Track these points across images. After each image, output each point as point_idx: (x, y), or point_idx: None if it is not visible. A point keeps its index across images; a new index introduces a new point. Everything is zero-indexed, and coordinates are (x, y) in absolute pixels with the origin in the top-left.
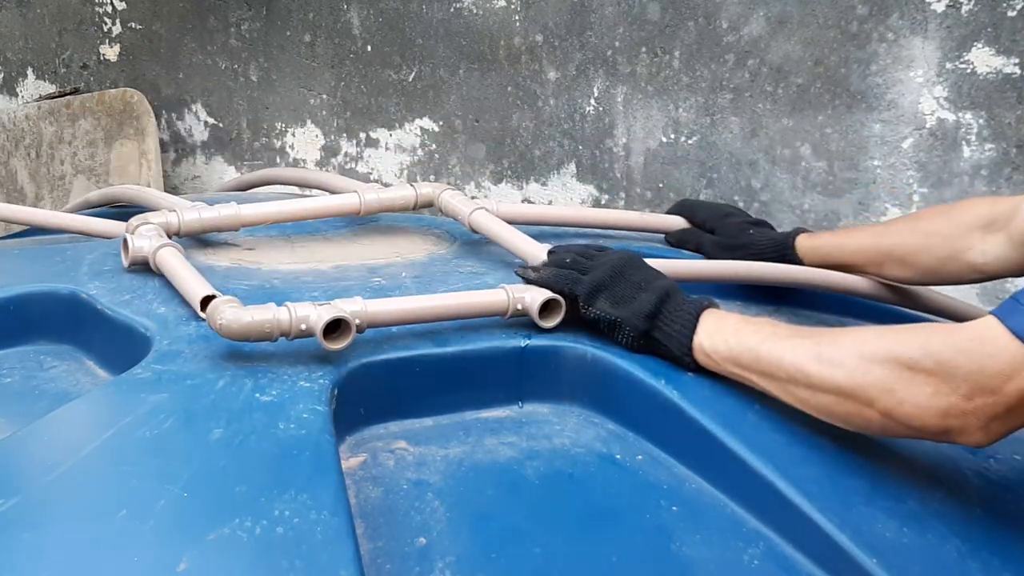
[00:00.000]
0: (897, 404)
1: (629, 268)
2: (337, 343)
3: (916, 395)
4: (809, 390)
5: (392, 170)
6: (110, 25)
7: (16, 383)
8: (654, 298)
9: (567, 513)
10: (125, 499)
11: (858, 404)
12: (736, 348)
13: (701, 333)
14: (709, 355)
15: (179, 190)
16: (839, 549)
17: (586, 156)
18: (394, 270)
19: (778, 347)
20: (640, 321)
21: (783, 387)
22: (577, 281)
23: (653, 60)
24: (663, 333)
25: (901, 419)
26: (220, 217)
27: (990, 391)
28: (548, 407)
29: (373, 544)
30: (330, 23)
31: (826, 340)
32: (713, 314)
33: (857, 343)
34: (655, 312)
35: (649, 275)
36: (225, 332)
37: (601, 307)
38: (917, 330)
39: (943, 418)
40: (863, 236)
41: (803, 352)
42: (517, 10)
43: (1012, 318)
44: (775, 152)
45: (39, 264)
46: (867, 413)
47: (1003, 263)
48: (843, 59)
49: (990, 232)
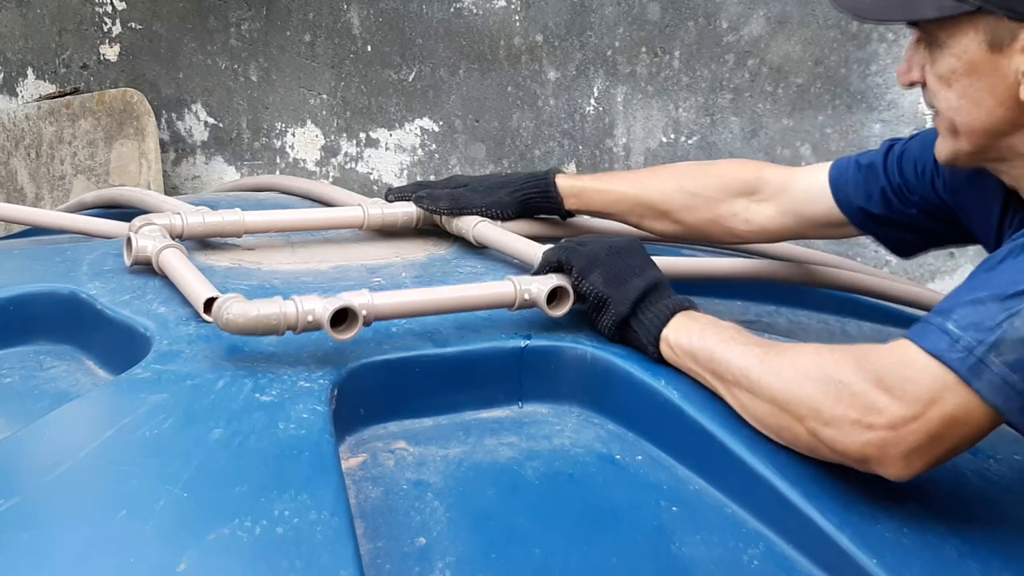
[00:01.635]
0: (823, 425)
1: (627, 250)
2: (345, 334)
3: (840, 419)
4: (750, 395)
5: (392, 170)
6: (110, 25)
7: (16, 383)
8: (643, 285)
9: (567, 513)
10: (125, 499)
11: (789, 418)
12: (696, 345)
13: (671, 326)
14: (672, 347)
15: (179, 190)
16: (839, 549)
17: (586, 156)
18: (394, 270)
19: (731, 350)
20: (625, 306)
21: (729, 389)
22: (573, 251)
23: (653, 60)
24: (638, 321)
25: (825, 440)
26: (224, 222)
27: (912, 417)
28: (548, 407)
29: (373, 544)
30: (330, 23)
31: (774, 350)
32: (688, 314)
33: (798, 356)
34: (640, 299)
35: (645, 262)
36: (233, 327)
37: (593, 282)
38: (854, 351)
39: (863, 447)
40: (625, 184)
41: (750, 357)
42: (517, 10)
43: (926, 339)
44: (775, 152)
45: (39, 264)
46: (796, 429)
47: (767, 233)
48: (843, 59)
49: (756, 201)
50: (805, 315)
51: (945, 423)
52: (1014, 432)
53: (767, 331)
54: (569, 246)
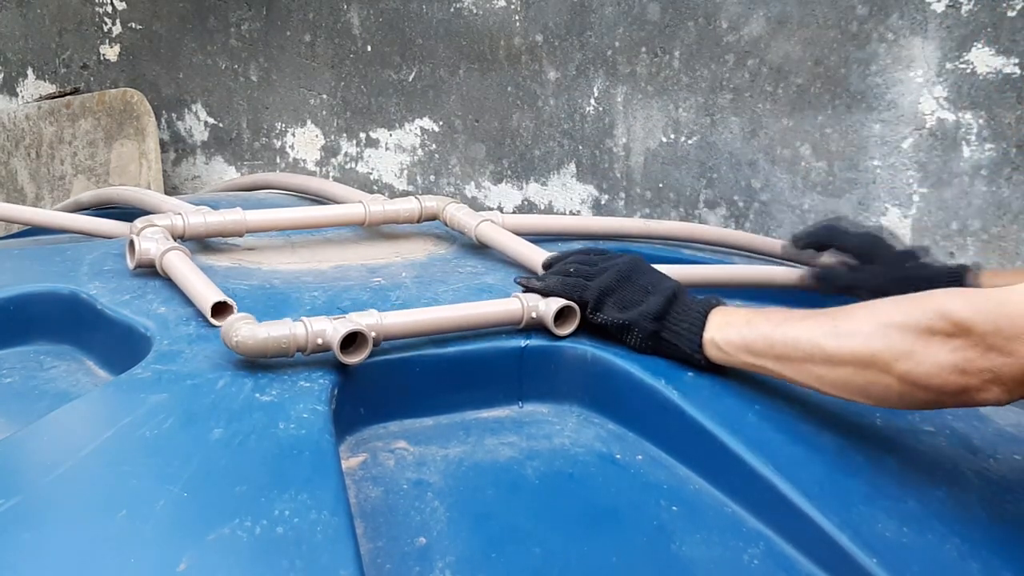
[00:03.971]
0: (915, 365)
1: (635, 272)
2: (354, 357)
3: (934, 355)
4: (827, 365)
5: (392, 170)
6: (110, 25)
7: (16, 383)
8: (661, 299)
9: (567, 513)
10: (125, 499)
11: (877, 371)
12: (749, 336)
13: (711, 328)
14: (721, 348)
15: (179, 190)
16: (839, 549)
17: (586, 156)
18: (394, 270)
19: (793, 329)
20: (648, 322)
21: (799, 368)
22: (584, 288)
23: (653, 60)
24: (672, 332)
25: (920, 380)
26: (225, 222)
27: (1007, 352)
28: (548, 407)
29: (373, 544)
30: (330, 23)
31: (841, 314)
32: (722, 311)
33: (872, 311)
34: (663, 313)
35: (655, 277)
36: (242, 349)
37: (609, 312)
38: (934, 295)
39: (961, 375)
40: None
41: (818, 328)
42: (517, 10)
43: None
44: (775, 152)
45: (39, 264)
46: (886, 380)
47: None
48: (843, 59)
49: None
50: None
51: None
52: (1014, 432)
53: None
54: (578, 283)
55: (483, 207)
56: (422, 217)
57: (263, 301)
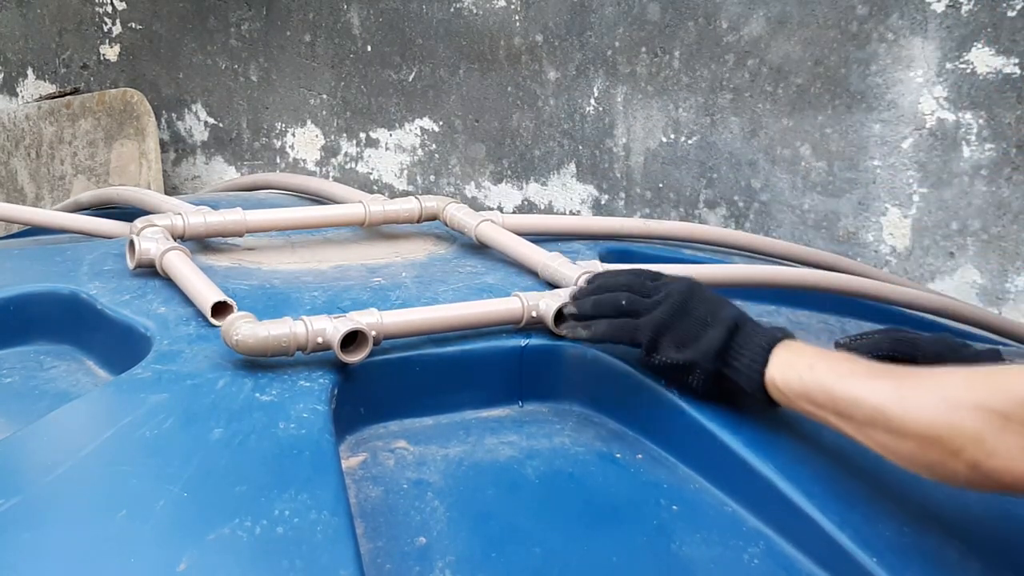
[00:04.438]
0: (986, 456)
1: (692, 301)
2: (354, 356)
3: (1009, 447)
4: (890, 434)
5: (392, 170)
6: (110, 25)
7: (16, 383)
8: (722, 333)
9: (567, 512)
10: (125, 499)
11: (944, 453)
12: (810, 384)
13: (773, 367)
14: (781, 390)
15: (179, 190)
16: (839, 549)
17: (586, 156)
18: (394, 270)
19: (856, 385)
20: (710, 362)
21: (861, 429)
22: (635, 329)
23: (653, 60)
24: (732, 369)
25: (990, 472)
26: (225, 222)
27: None
28: (548, 406)
29: (373, 544)
30: (330, 23)
31: (909, 381)
32: (787, 346)
33: (944, 385)
34: (725, 348)
35: (714, 307)
36: (242, 348)
37: (666, 353)
38: (1011, 375)
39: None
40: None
41: (883, 393)
42: (517, 10)
43: None
44: (775, 152)
45: (39, 264)
46: (953, 464)
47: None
48: (843, 59)
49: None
50: (805, 315)
51: None
52: None
53: None
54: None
55: (483, 207)
56: (422, 217)
57: (263, 301)
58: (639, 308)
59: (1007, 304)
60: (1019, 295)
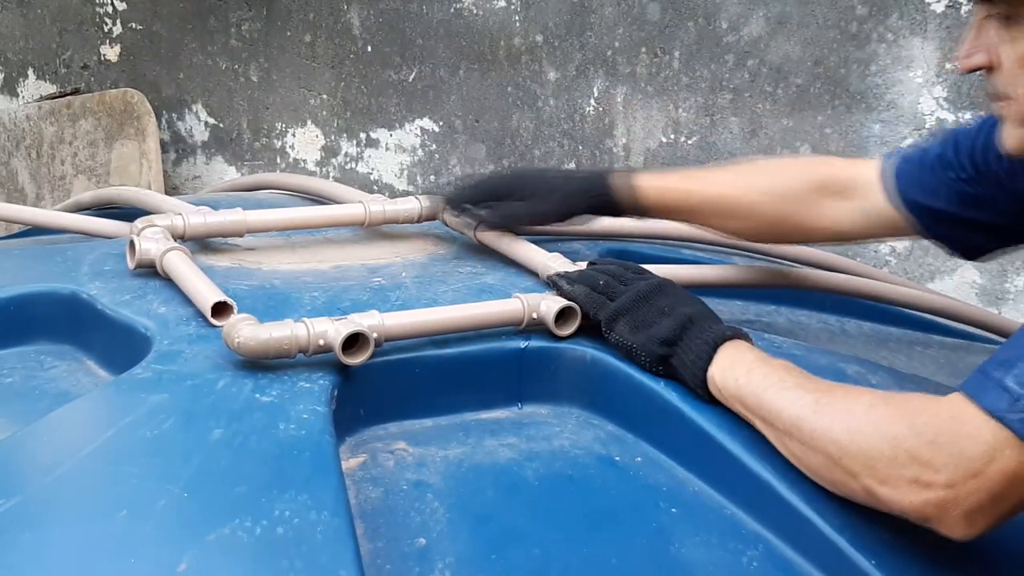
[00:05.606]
0: (878, 483)
1: (657, 294)
2: (356, 358)
3: (896, 478)
4: (802, 446)
5: (392, 170)
6: (110, 25)
7: (16, 383)
8: (674, 324)
9: (566, 514)
10: (125, 499)
11: (844, 473)
12: (744, 388)
13: (715, 366)
14: (719, 389)
15: (179, 190)
16: (838, 551)
17: (586, 156)
18: (394, 270)
19: (781, 396)
20: (655, 346)
21: (780, 438)
22: (603, 306)
23: (653, 60)
24: (679, 360)
25: (882, 499)
26: (225, 222)
27: (972, 475)
28: (547, 408)
29: (373, 544)
30: (330, 23)
31: (827, 397)
32: (733, 346)
33: (851, 407)
34: (674, 339)
35: (676, 301)
36: (244, 350)
37: (620, 332)
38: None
39: (923, 506)
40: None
41: (801, 406)
42: (517, 10)
43: (984, 396)
44: (775, 152)
45: (39, 264)
46: (852, 484)
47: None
48: (843, 59)
49: (839, 199)
50: (805, 315)
51: (1007, 481)
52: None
53: (766, 331)
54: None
55: None
56: (422, 217)
57: (263, 301)
58: (612, 290)
59: (1007, 304)
60: (1019, 295)
